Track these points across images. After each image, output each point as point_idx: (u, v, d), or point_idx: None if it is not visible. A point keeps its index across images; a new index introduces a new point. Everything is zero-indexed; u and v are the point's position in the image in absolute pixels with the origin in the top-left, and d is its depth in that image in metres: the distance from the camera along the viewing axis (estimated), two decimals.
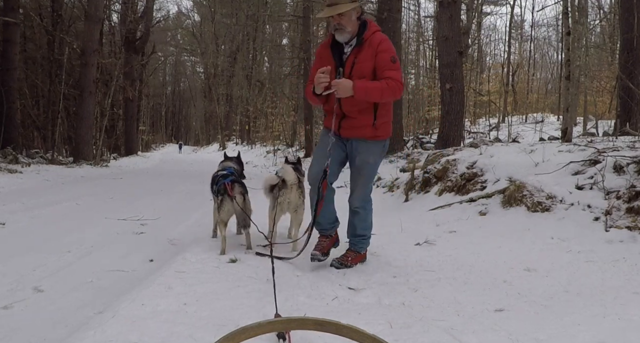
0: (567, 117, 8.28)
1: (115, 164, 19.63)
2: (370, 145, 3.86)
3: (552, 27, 37.04)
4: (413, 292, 3.33)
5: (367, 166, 3.90)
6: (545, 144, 7.45)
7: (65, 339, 2.57)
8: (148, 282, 3.44)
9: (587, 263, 3.81)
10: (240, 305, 2.98)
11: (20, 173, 11.84)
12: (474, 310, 2.96)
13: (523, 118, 26.37)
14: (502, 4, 35.36)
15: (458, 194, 6.35)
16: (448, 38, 11.18)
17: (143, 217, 6.47)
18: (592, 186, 4.96)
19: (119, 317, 2.72)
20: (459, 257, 4.20)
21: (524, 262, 3.94)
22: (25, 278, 3.74)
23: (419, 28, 32.50)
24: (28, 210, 6.73)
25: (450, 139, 11.06)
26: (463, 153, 7.42)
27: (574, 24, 8.47)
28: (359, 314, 2.87)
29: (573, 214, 4.72)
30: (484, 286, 3.44)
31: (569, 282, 3.48)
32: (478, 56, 33.52)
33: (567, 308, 2.94)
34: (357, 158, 3.87)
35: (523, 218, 5.01)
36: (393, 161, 11.46)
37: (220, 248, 4.31)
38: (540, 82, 40.12)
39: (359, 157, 3.86)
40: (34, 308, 3.15)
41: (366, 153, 3.85)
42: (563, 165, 5.45)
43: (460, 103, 11.40)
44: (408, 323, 2.72)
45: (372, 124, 3.76)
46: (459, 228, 5.24)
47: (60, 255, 4.45)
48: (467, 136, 16.96)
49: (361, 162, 3.88)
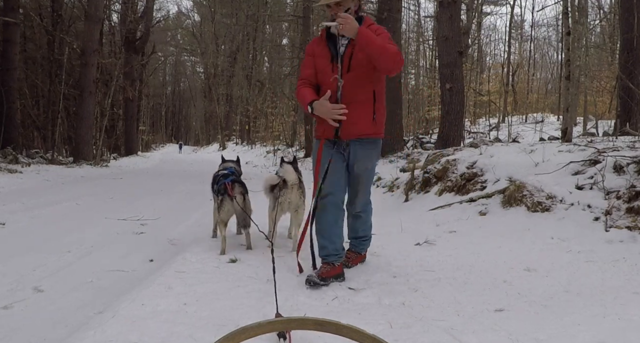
0: (567, 117, 8.28)
1: (115, 164, 19.64)
2: (368, 148, 3.68)
3: (552, 27, 37.08)
4: (413, 292, 3.33)
5: (366, 172, 3.77)
6: (545, 144, 7.45)
7: (65, 339, 2.57)
8: (148, 282, 3.45)
9: (587, 263, 3.81)
10: (240, 305, 2.98)
11: (20, 173, 11.85)
12: (474, 310, 2.96)
13: (523, 118, 26.36)
14: (502, 4, 35.39)
15: (458, 194, 6.35)
16: (448, 38, 11.17)
17: (143, 217, 6.47)
18: (592, 186, 4.95)
19: (119, 317, 2.72)
20: (459, 257, 4.20)
21: (524, 262, 3.94)
22: (25, 278, 3.74)
23: (419, 28, 32.50)
24: (28, 210, 6.74)
25: (450, 139, 11.05)
26: (463, 153, 7.41)
27: (574, 24, 8.47)
28: (359, 314, 2.88)
29: (573, 214, 4.72)
30: (484, 286, 3.44)
31: (569, 282, 3.47)
32: (478, 56, 33.51)
33: (567, 308, 2.93)
34: (356, 165, 3.68)
35: (523, 218, 5.00)
36: (393, 161, 11.47)
37: (220, 248, 4.31)
38: (540, 82, 40.10)
39: (357, 165, 3.68)
40: (34, 308, 3.15)
41: (365, 160, 3.69)
42: (563, 165, 5.44)
43: (460, 103, 11.40)
44: (408, 323, 2.72)
45: (372, 118, 3.58)
46: (459, 228, 5.23)
47: (60, 255, 4.45)
48: (467, 136, 16.95)
49: (360, 170, 3.71)
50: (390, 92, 13.53)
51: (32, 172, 12.35)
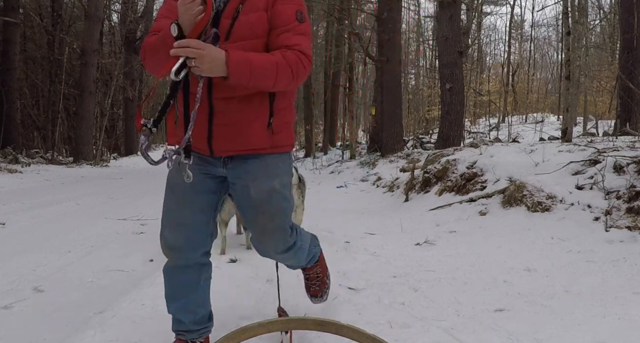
0: (567, 117, 8.29)
1: (115, 163, 19.64)
2: (270, 162, 2.16)
3: (552, 27, 37.06)
4: (413, 291, 3.32)
5: (272, 196, 2.15)
6: (545, 144, 7.45)
7: (65, 339, 2.56)
8: (148, 282, 3.44)
9: (587, 263, 3.80)
10: (241, 306, 2.98)
11: (21, 173, 11.86)
12: (474, 310, 2.96)
13: (523, 118, 26.40)
14: (502, 4, 35.35)
15: (458, 194, 6.35)
16: (448, 38, 11.18)
17: (143, 216, 6.46)
18: (592, 186, 4.95)
19: (119, 317, 2.72)
20: (459, 257, 4.19)
21: (524, 262, 3.93)
22: (26, 277, 3.74)
23: (419, 28, 32.49)
24: (28, 210, 6.74)
25: (451, 139, 11.06)
26: (463, 153, 7.41)
27: (574, 23, 8.47)
28: (359, 314, 2.87)
29: (573, 214, 4.71)
30: (484, 286, 3.44)
31: (569, 282, 3.47)
32: (478, 56, 33.51)
33: (568, 308, 2.93)
34: (253, 188, 2.13)
35: (523, 218, 5.00)
36: (393, 161, 11.47)
37: (220, 248, 4.31)
38: (540, 82, 40.13)
39: (253, 186, 2.13)
40: (34, 308, 3.14)
41: (265, 177, 2.14)
42: (563, 165, 5.44)
43: (461, 103, 11.41)
44: (408, 323, 2.72)
45: (266, 123, 2.09)
46: (459, 228, 5.23)
47: (61, 254, 4.45)
48: (467, 136, 16.96)
49: (261, 193, 2.14)
50: (390, 91, 13.57)
51: (32, 172, 12.36)
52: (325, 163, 17.52)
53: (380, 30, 13.91)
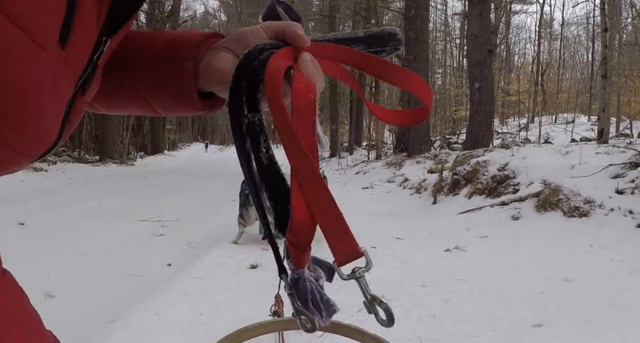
0: (603, 117, 7.96)
1: (141, 162, 19.72)
2: None
3: (583, 25, 36.29)
4: (444, 303, 3.11)
5: None
6: (581, 145, 7.15)
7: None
8: (163, 289, 3.30)
9: (631, 274, 3.56)
10: (259, 316, 2.78)
11: (46, 171, 11.89)
12: (510, 325, 2.74)
13: (553, 118, 25.86)
14: (532, 2, 34.74)
15: (489, 197, 6.10)
16: (477, 36, 10.91)
17: (164, 218, 6.34)
18: (633, 190, 4.69)
19: (130, 328, 2.57)
20: (491, 265, 3.96)
21: (562, 272, 3.70)
22: (38, 282, 3.61)
23: (446, 26, 32.11)
24: (50, 210, 6.67)
25: (479, 139, 10.79)
26: (493, 154, 7.16)
27: (610, 20, 8.14)
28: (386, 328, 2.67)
29: (613, 220, 4.46)
30: (520, 298, 3.21)
31: (611, 294, 3.23)
32: (506, 55, 32.98)
33: (612, 325, 2.71)
34: None
35: (559, 223, 4.76)
36: (420, 162, 11.21)
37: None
38: (570, 82, 39.34)
39: None
40: (43, 315, 2.97)
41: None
42: (602, 168, 5.18)
43: (490, 102, 11.14)
44: (439, 340, 2.52)
45: None
46: (491, 233, 4.99)
47: (77, 257, 4.32)
48: (495, 136, 16.63)
49: None
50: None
51: (58, 171, 12.40)
52: (350, 163, 17.36)
53: (408, 28, 13.67)
